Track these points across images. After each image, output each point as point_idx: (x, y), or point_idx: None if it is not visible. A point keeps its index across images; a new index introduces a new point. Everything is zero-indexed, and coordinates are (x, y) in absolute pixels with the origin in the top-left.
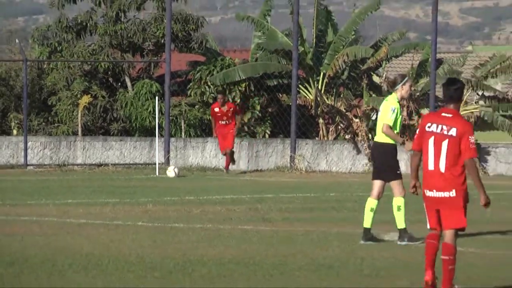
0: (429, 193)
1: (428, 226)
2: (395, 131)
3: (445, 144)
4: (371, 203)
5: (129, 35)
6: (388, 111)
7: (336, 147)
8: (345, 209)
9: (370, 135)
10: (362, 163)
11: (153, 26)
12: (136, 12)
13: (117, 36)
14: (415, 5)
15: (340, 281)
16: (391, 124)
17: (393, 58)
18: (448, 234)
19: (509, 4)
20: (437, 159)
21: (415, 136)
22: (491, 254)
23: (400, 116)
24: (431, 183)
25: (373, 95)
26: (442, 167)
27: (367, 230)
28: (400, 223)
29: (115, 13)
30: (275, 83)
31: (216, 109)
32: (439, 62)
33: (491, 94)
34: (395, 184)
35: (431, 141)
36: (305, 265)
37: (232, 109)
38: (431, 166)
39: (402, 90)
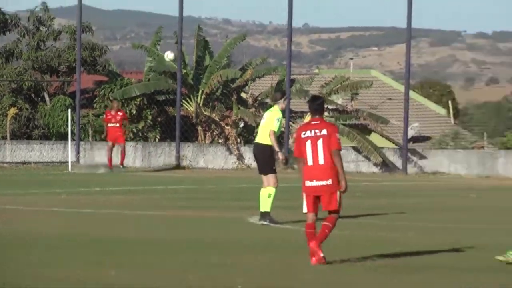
0: (309, 183)
1: (305, 211)
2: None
3: (320, 142)
4: (268, 190)
5: (47, 60)
6: (274, 120)
7: (211, 149)
8: (220, 198)
9: (238, 139)
10: (232, 162)
11: (66, 53)
12: (53, 41)
13: (38, 61)
14: (274, 37)
15: (223, 256)
16: (276, 130)
17: (256, 78)
18: (335, 211)
19: (348, 37)
20: (315, 155)
21: (295, 147)
22: (347, 234)
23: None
24: (312, 175)
25: (241, 108)
26: (321, 161)
27: (266, 213)
28: (266, 207)
29: (37, 42)
30: (164, 98)
31: (109, 113)
32: (292, 82)
33: (334, 107)
34: (270, 177)
35: (308, 143)
36: (194, 244)
37: (121, 113)
38: (310, 162)
39: (283, 104)
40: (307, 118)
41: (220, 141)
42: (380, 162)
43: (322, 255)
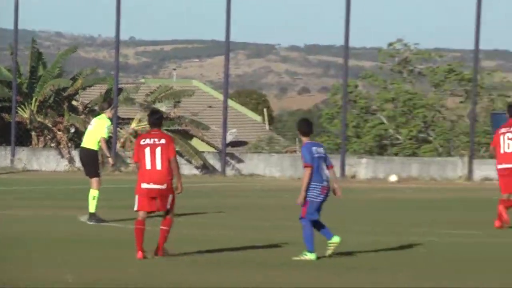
0: (145, 186)
1: (136, 209)
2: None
3: (158, 150)
4: (92, 193)
5: None
6: (103, 128)
7: (44, 153)
8: (54, 198)
9: (69, 144)
10: (64, 164)
11: None
12: None
13: None
14: (102, 49)
15: (54, 252)
16: (106, 137)
17: (87, 87)
18: (168, 213)
19: (171, 49)
20: (153, 161)
21: (134, 153)
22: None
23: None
24: (149, 178)
25: (72, 114)
26: (159, 166)
27: (92, 214)
28: (92, 208)
29: None
30: (0, 105)
31: None
32: (120, 90)
33: None
34: (94, 180)
35: (147, 150)
36: (29, 241)
37: None
38: (148, 166)
39: (110, 113)
40: (134, 124)
41: (52, 145)
42: (200, 165)
43: (170, 253)
